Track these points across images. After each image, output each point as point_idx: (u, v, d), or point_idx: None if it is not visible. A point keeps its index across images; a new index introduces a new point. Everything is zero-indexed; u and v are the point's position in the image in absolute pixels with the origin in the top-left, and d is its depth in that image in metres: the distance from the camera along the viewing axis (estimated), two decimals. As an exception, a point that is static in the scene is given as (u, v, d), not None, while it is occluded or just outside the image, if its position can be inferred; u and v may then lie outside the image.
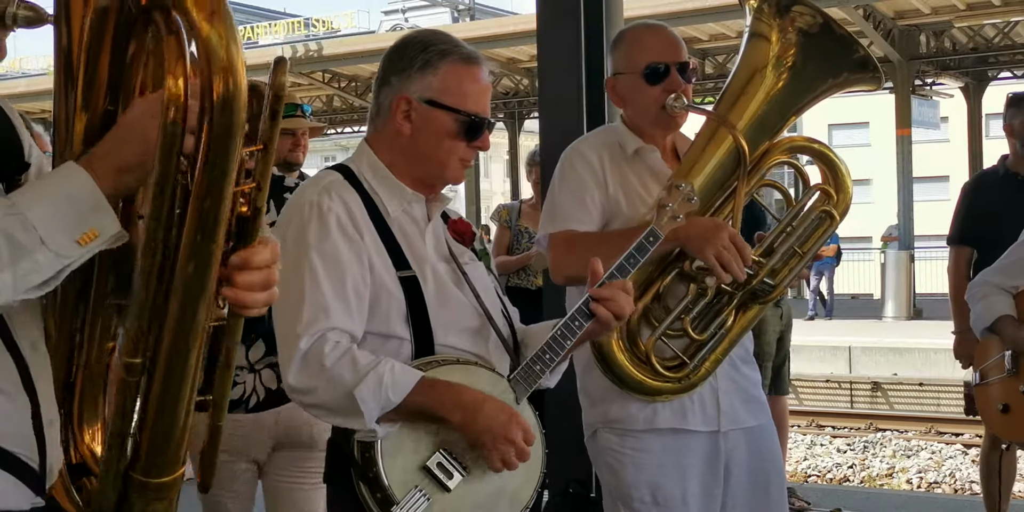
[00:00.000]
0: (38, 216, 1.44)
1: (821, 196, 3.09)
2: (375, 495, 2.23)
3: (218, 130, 1.38)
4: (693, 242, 2.82)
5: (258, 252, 1.51)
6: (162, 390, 1.51)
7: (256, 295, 1.52)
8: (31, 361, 1.61)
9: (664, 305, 2.94)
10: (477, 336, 2.43)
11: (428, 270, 2.40)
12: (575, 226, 2.97)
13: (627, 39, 3.10)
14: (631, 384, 2.93)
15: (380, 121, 2.49)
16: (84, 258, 1.48)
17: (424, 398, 2.24)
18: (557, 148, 4.92)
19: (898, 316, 18.96)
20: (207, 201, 1.40)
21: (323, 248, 2.30)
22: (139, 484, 1.58)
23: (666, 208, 2.69)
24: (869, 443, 11.36)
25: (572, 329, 2.43)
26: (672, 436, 2.98)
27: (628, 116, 3.11)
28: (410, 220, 2.46)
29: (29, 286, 1.45)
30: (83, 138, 1.54)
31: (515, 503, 2.39)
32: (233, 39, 1.36)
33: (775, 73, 3.03)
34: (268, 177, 1.50)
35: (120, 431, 1.56)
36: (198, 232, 1.41)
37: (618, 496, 3.00)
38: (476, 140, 2.46)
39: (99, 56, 1.52)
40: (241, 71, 1.37)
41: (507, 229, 6.71)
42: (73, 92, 1.54)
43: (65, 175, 1.48)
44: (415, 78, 2.41)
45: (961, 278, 5.14)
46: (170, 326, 1.47)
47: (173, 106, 1.40)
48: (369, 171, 2.46)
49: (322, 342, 2.24)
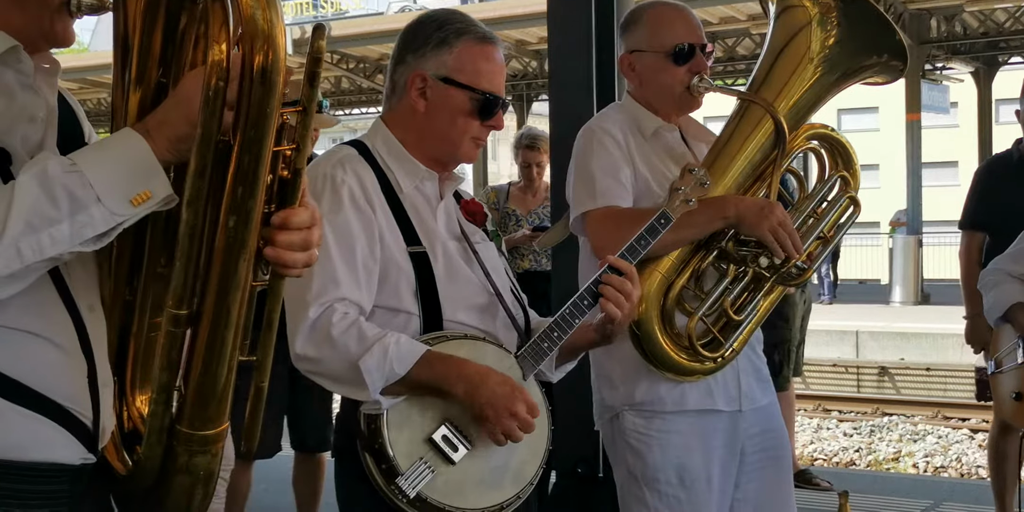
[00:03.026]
0: (96, 175, 1.52)
1: (839, 183, 3.12)
2: (380, 466, 2.25)
3: (257, 92, 1.45)
4: (747, 219, 2.84)
5: (298, 213, 1.58)
6: (207, 343, 1.58)
7: (296, 255, 1.59)
8: (88, 322, 1.70)
9: (700, 286, 2.96)
10: (485, 313, 2.45)
11: (439, 246, 2.42)
12: (616, 202, 2.94)
13: (649, 17, 3.08)
14: (668, 364, 2.93)
15: (395, 99, 2.51)
16: (137, 216, 1.56)
17: (428, 371, 2.26)
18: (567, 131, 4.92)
19: (906, 301, 18.94)
20: (247, 157, 1.48)
21: (335, 220, 2.32)
22: (184, 437, 1.65)
23: (678, 191, 2.70)
24: (876, 427, 11.38)
25: (580, 308, 2.44)
26: (698, 417, 3.00)
27: (643, 94, 3.10)
28: (422, 197, 2.47)
29: (84, 238, 1.53)
30: (137, 110, 1.63)
31: (519, 478, 2.40)
32: (274, 9, 1.44)
33: (807, 54, 3.02)
34: (308, 139, 1.55)
35: (166, 385, 1.62)
36: (239, 186, 1.49)
37: (643, 479, 2.99)
38: (490, 119, 2.47)
39: (153, 31, 1.61)
40: (281, 40, 1.45)
41: (495, 211, 6.56)
42: (128, 71, 1.63)
43: (123, 139, 1.58)
44: (430, 56, 2.43)
45: (972, 263, 5.12)
46: (213, 280, 1.55)
47: (216, 71, 1.48)
48: (383, 147, 2.48)
49: (330, 312, 2.27)
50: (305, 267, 1.62)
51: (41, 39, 1.66)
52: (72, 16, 1.66)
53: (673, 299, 2.92)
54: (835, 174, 3.12)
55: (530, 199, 6.51)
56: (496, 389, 2.26)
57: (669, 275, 2.91)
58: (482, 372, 2.28)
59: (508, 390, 2.28)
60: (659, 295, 2.91)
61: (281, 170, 1.55)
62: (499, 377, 2.30)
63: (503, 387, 2.28)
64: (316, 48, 1.52)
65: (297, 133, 1.54)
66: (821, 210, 3.10)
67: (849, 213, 3.11)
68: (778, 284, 3.02)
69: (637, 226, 2.66)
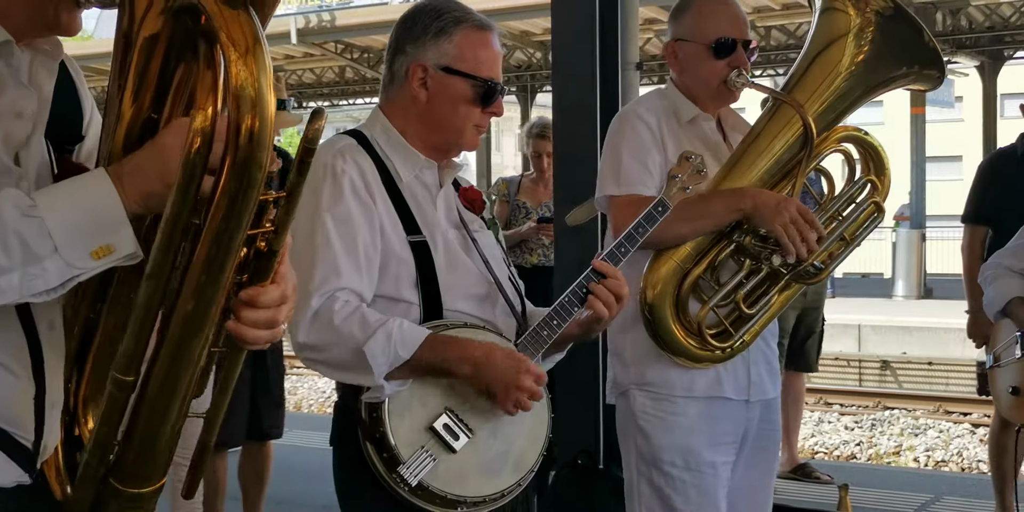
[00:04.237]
0: (57, 223, 1.40)
1: (867, 187, 3.15)
2: (381, 455, 2.27)
3: (238, 172, 1.32)
4: (761, 212, 2.86)
5: (268, 292, 1.48)
6: (152, 406, 1.48)
7: (258, 333, 1.49)
8: (46, 341, 1.60)
9: (716, 277, 2.99)
10: (485, 302, 2.47)
11: (439, 235, 2.44)
12: (640, 190, 2.97)
13: (697, 7, 3.11)
14: (677, 349, 2.98)
15: (394, 89, 2.51)
16: (95, 271, 1.44)
17: (432, 353, 2.28)
18: (570, 122, 4.94)
19: (908, 295, 18.93)
20: (215, 248, 1.36)
21: (336, 210, 2.34)
22: (116, 492, 1.56)
23: (676, 178, 2.72)
24: (877, 421, 11.36)
25: (580, 295, 2.46)
26: (706, 403, 3.04)
27: (684, 83, 3.13)
28: (422, 186, 2.49)
29: (33, 292, 1.42)
30: (124, 140, 1.51)
31: (520, 466, 2.42)
32: (266, 80, 1.31)
33: (845, 58, 3.06)
34: (288, 225, 1.45)
35: (104, 440, 1.53)
36: (203, 274, 1.38)
37: (649, 459, 3.04)
38: (491, 106, 2.49)
39: (152, 56, 1.49)
40: (269, 113, 1.31)
41: (506, 203, 6.53)
42: (125, 76, 1.51)
43: (92, 185, 1.45)
44: (430, 45, 2.44)
45: (975, 257, 5.13)
46: (165, 354, 1.45)
47: (198, 139, 1.35)
48: (382, 137, 2.49)
49: (332, 301, 2.29)
50: (265, 344, 1.53)
51: (45, 29, 1.59)
52: (79, 6, 1.58)
53: (688, 287, 2.96)
54: (864, 178, 3.15)
55: (541, 191, 6.45)
56: (501, 364, 2.29)
57: (685, 263, 2.95)
58: (486, 351, 2.31)
59: (513, 364, 2.31)
60: (674, 282, 2.95)
61: (259, 241, 1.44)
62: (503, 353, 2.33)
63: (508, 361, 2.31)
64: (311, 134, 1.41)
65: (278, 217, 1.44)
66: (847, 212, 3.13)
67: (872, 217, 3.14)
68: (794, 281, 3.04)
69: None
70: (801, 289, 3.14)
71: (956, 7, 18.69)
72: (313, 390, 13.96)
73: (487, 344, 2.32)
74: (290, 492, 5.91)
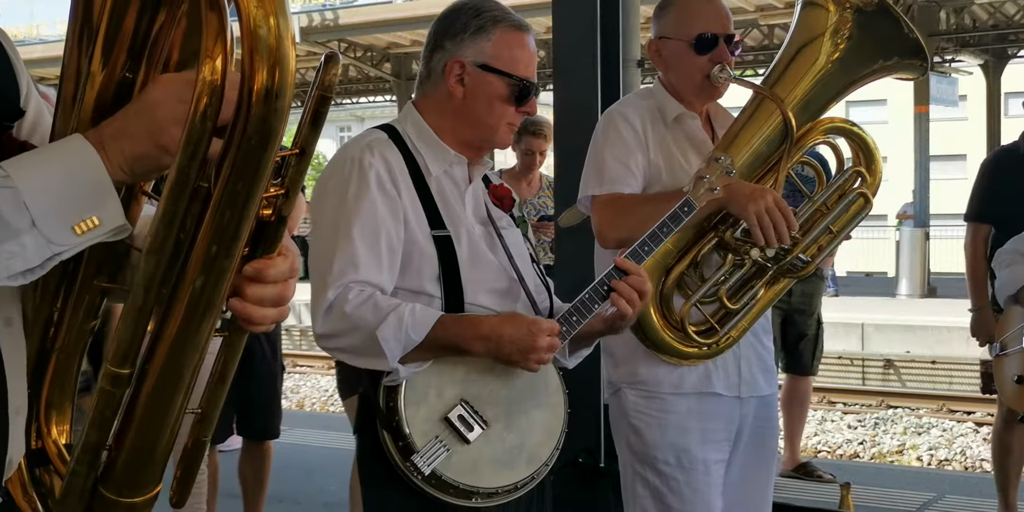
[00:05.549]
0: (33, 194, 1.23)
1: (855, 177, 3.13)
2: (397, 443, 2.32)
3: (253, 131, 1.18)
4: (737, 200, 2.83)
5: (275, 264, 1.33)
6: (149, 405, 1.34)
7: (265, 311, 1.35)
8: (3, 340, 1.42)
9: (699, 273, 2.99)
10: (506, 297, 2.50)
11: (463, 231, 2.47)
12: (621, 189, 2.99)
13: (678, 4, 3.11)
14: (663, 347, 2.98)
15: (430, 84, 2.55)
16: (78, 248, 1.27)
17: (444, 334, 2.32)
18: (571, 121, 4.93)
19: (912, 294, 18.89)
20: (228, 213, 1.22)
21: (361, 203, 2.38)
22: (109, 502, 1.40)
23: (703, 179, 2.72)
24: (880, 420, 11.35)
25: (600, 292, 2.47)
26: (697, 399, 3.04)
27: (669, 81, 3.13)
28: (451, 181, 2.53)
29: (11, 272, 1.24)
30: (93, 108, 1.33)
31: (534, 459, 2.45)
32: (285, 25, 1.16)
33: (827, 51, 3.07)
34: (299, 185, 1.30)
35: (94, 445, 1.36)
36: (213, 244, 1.23)
37: (643, 457, 3.05)
38: (525, 105, 2.52)
39: (124, 12, 1.31)
40: (291, 64, 1.17)
41: None
42: (90, 44, 1.32)
43: (71, 150, 1.28)
44: (468, 43, 2.48)
45: (978, 255, 5.11)
46: (167, 339, 1.29)
47: (207, 95, 1.20)
48: (414, 131, 2.53)
49: (346, 291, 2.33)
50: (272, 324, 1.38)
51: None
52: None
53: (672, 283, 2.96)
54: (852, 168, 3.14)
55: (524, 188, 6.41)
56: (514, 336, 2.32)
57: (665, 259, 2.94)
58: (495, 326, 2.33)
59: (525, 331, 2.33)
60: (656, 278, 2.94)
61: (264, 210, 1.28)
62: (512, 323, 2.34)
63: (520, 329, 2.33)
64: (326, 82, 1.28)
65: (289, 177, 1.29)
66: (832, 202, 3.11)
67: (859, 209, 3.12)
68: (780, 275, 3.02)
69: (638, 212, 2.74)
70: (791, 283, 3.11)
71: (960, 6, 18.68)
72: (315, 389, 13.98)
73: (496, 319, 2.35)
74: (292, 490, 5.92)
